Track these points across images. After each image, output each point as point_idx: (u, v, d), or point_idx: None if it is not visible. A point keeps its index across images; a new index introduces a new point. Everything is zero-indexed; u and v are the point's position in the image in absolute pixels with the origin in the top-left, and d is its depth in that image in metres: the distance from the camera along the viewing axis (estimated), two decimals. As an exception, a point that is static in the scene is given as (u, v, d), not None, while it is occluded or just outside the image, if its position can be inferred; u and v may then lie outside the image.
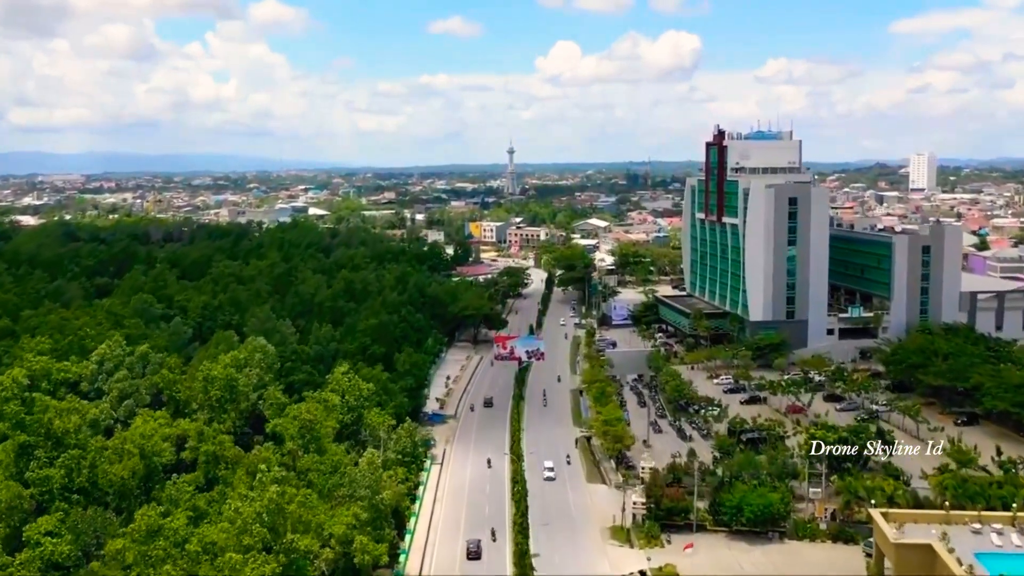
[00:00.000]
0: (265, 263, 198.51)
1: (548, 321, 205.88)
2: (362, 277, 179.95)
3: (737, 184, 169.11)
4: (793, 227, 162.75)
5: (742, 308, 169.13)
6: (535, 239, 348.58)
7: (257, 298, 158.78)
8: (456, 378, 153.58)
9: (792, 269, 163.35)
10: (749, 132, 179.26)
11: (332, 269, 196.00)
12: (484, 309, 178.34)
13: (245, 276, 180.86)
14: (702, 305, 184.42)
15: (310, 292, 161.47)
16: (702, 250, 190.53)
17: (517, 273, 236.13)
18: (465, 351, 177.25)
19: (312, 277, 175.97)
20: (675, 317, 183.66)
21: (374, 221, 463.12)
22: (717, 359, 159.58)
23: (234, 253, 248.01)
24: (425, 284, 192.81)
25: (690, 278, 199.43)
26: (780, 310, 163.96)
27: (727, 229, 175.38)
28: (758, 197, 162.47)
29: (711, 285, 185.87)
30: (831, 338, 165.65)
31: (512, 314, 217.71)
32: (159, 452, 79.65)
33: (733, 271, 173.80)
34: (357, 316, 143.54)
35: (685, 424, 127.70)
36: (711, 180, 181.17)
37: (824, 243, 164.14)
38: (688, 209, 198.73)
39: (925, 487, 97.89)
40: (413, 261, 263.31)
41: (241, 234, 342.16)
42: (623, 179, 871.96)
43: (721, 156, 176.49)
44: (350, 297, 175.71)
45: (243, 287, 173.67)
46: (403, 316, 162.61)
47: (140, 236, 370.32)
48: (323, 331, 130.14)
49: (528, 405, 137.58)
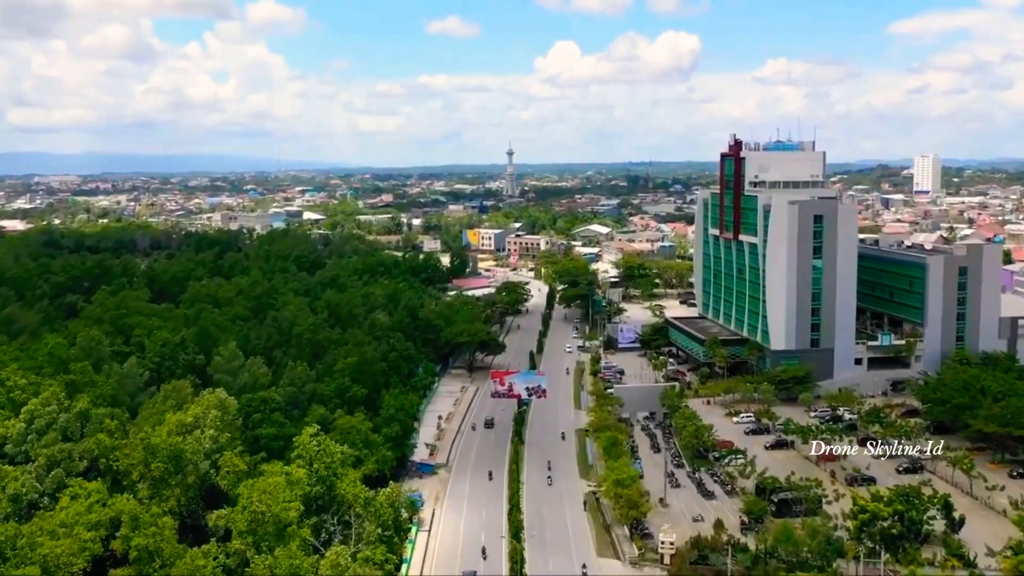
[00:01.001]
0: (246, 281, 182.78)
1: (549, 343, 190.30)
2: (348, 299, 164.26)
3: (756, 199, 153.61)
4: (818, 247, 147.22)
5: (762, 335, 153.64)
6: (535, 248, 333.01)
7: (232, 326, 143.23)
8: (449, 415, 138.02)
9: (817, 293, 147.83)
10: (767, 143, 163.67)
11: (317, 289, 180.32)
12: (480, 334, 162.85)
13: (222, 298, 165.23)
14: (716, 330, 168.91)
15: (289, 319, 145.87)
16: (715, 269, 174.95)
17: (516, 289, 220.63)
18: (460, 380, 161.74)
19: (294, 300, 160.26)
20: (687, 342, 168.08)
21: (370, 226, 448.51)
22: (736, 392, 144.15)
23: (217, 267, 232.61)
24: (417, 305, 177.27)
25: (702, 298, 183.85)
26: (804, 338, 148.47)
27: (744, 248, 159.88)
28: (780, 214, 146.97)
29: (726, 307, 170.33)
30: (859, 368, 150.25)
31: (511, 333, 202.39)
32: (76, 553, 63.96)
33: (751, 294, 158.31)
34: (339, 349, 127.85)
35: (705, 476, 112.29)
36: (726, 194, 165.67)
37: (852, 265, 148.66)
38: (700, 224, 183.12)
39: (994, 570, 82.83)
40: (407, 274, 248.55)
41: (229, 243, 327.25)
42: (623, 181, 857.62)
43: (738, 168, 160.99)
44: (336, 321, 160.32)
45: (219, 312, 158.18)
46: (391, 344, 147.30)
47: (126, 244, 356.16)
48: (298, 370, 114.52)
49: (528, 449, 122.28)
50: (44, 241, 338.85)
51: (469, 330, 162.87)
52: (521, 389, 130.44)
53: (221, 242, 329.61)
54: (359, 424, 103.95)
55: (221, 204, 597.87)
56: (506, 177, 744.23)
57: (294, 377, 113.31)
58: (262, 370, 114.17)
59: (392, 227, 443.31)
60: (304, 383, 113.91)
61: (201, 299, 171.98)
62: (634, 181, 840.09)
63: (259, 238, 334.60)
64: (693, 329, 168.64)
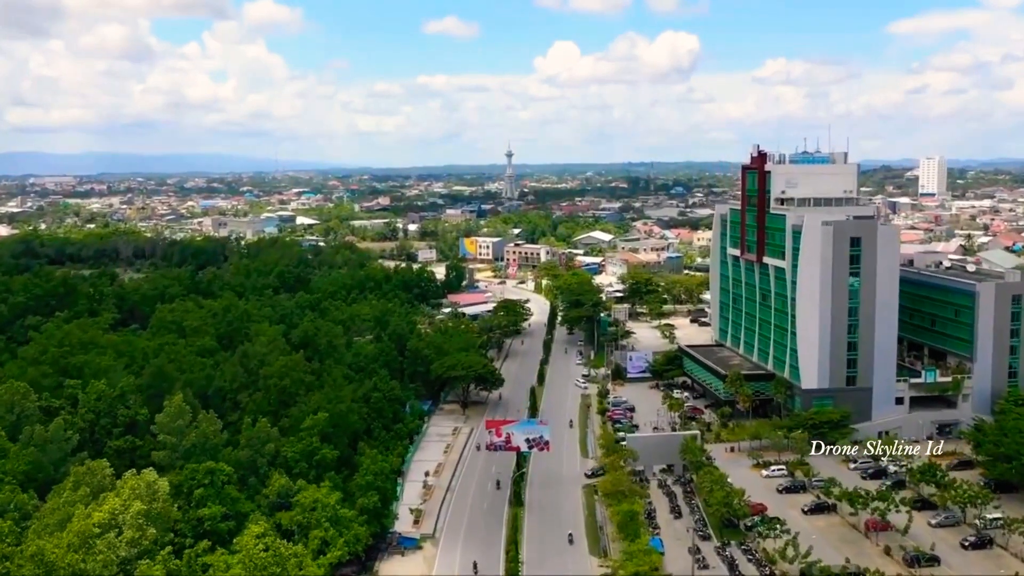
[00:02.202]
0: (219, 304, 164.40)
1: (552, 372, 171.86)
2: (327, 330, 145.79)
3: (784, 219, 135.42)
4: (855, 273, 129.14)
5: (790, 370, 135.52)
6: (534, 257, 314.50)
7: (194, 363, 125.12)
8: (439, 467, 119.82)
9: (854, 326, 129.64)
10: (793, 154, 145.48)
11: (294, 315, 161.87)
12: (476, 367, 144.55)
13: (189, 326, 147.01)
14: (737, 361, 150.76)
15: (260, 355, 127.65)
16: (735, 292, 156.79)
17: (515, 308, 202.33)
18: (452, 418, 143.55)
19: (268, 330, 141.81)
20: (705, 376, 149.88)
21: (364, 232, 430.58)
22: (763, 438, 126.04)
23: (194, 283, 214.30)
24: (406, 331, 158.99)
25: (719, 323, 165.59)
26: (839, 375, 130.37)
27: (769, 272, 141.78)
28: (813, 236, 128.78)
29: (747, 336, 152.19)
30: (900, 409, 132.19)
31: (510, 359, 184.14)
32: None
33: (778, 324, 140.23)
34: (311, 398, 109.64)
35: (738, 552, 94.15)
36: (749, 211, 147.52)
37: (893, 293, 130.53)
38: (717, 243, 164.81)
39: None
40: (399, 289, 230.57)
41: (214, 252, 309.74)
42: (624, 182, 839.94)
43: (762, 183, 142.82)
44: (313, 353, 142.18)
45: (183, 343, 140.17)
46: (375, 383, 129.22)
47: (108, 252, 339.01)
48: (257, 428, 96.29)
49: (529, 514, 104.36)
50: (21, 250, 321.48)
51: (464, 362, 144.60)
52: (520, 441, 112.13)
53: (206, 251, 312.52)
54: (326, 498, 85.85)
55: (213, 208, 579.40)
56: (505, 179, 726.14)
57: (252, 438, 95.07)
58: (214, 427, 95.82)
59: (387, 233, 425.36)
60: (265, 442, 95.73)
61: (167, 325, 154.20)
62: (635, 182, 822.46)
63: (245, 247, 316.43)
64: (711, 360, 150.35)
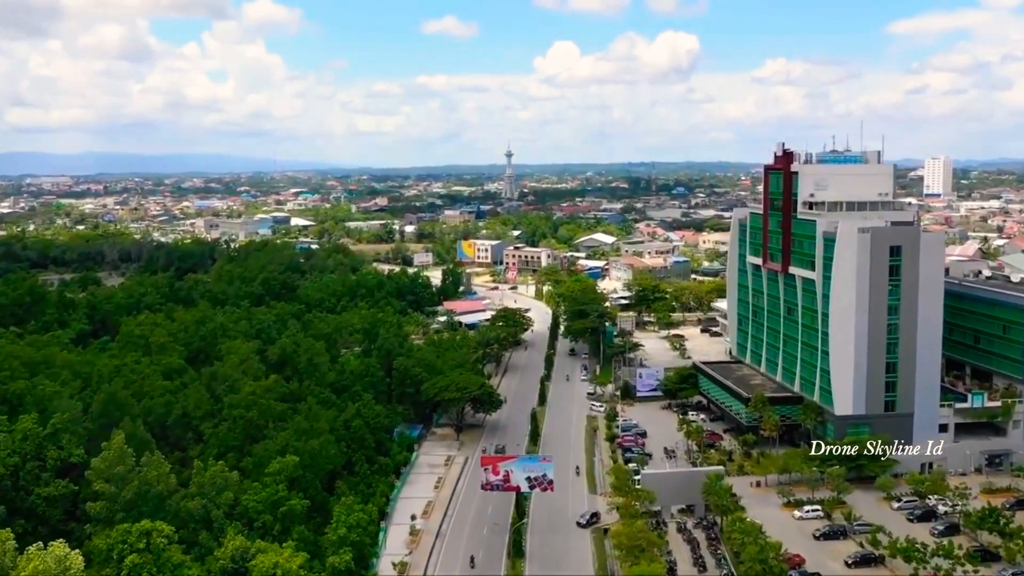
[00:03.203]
0: (191, 317, 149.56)
1: (555, 390, 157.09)
2: (308, 346, 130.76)
3: (814, 225, 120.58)
4: (895, 286, 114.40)
5: (820, 393, 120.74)
6: (535, 261, 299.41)
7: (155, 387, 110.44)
8: (428, 507, 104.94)
9: (894, 344, 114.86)
10: (821, 153, 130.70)
11: (272, 329, 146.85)
12: (472, 388, 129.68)
13: (155, 343, 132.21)
14: (758, 380, 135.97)
15: (229, 378, 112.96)
16: (756, 305, 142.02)
17: (515, 317, 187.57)
18: (445, 445, 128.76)
19: (242, 347, 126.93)
20: (723, 396, 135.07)
21: (360, 233, 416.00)
22: (792, 472, 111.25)
23: (173, 292, 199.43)
24: (395, 345, 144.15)
25: (737, 338, 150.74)
26: (876, 400, 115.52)
27: (796, 283, 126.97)
28: (848, 245, 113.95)
29: (770, 353, 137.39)
30: (944, 437, 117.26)
31: (509, 374, 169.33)
32: None
33: (805, 341, 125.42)
34: (279, 436, 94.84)
35: (775, 618, 79.60)
36: (773, 216, 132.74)
37: (936, 309, 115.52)
38: (735, 250, 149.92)
39: None
40: (392, 296, 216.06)
41: (201, 256, 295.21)
42: (624, 182, 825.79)
43: (788, 185, 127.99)
44: (293, 372, 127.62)
45: (147, 361, 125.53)
46: (358, 409, 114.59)
47: (93, 256, 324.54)
48: (213, 473, 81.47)
49: (530, 566, 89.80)
50: (1, 253, 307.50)
51: (458, 382, 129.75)
52: (520, 480, 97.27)
53: (193, 255, 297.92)
54: (288, 562, 70.99)
55: (208, 209, 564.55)
56: (505, 179, 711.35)
57: (206, 483, 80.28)
58: (161, 471, 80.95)
59: (383, 235, 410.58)
60: (221, 489, 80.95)
61: (134, 340, 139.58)
62: (635, 183, 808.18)
63: (235, 251, 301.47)
64: (730, 379, 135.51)
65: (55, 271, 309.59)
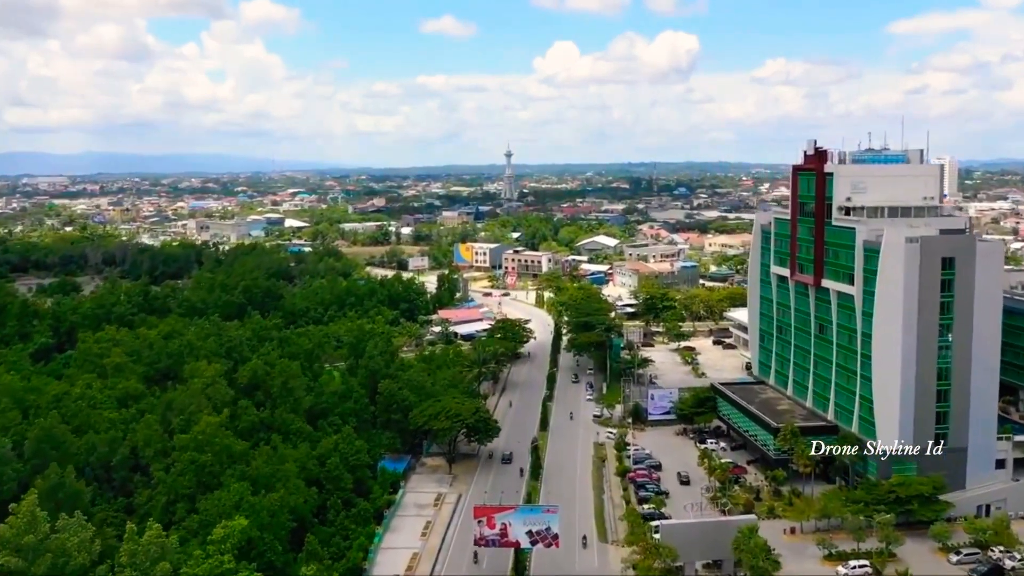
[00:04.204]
0: (155, 334, 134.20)
1: (558, 410, 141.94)
2: (283, 368, 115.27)
3: (853, 233, 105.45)
4: (948, 303, 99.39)
5: (860, 424, 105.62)
6: (535, 266, 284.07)
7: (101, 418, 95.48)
8: (414, 561, 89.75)
9: (945, 370, 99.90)
10: (856, 152, 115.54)
11: (244, 347, 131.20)
12: (466, 416, 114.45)
13: (110, 364, 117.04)
14: (785, 405, 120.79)
15: (185, 407, 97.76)
16: (781, 320, 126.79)
17: (515, 329, 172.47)
18: (435, 480, 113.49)
19: (207, 369, 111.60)
20: (746, 423, 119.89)
21: (355, 235, 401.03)
22: (832, 517, 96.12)
23: (148, 301, 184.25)
24: (381, 366, 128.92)
25: (759, 356, 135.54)
26: (925, 432, 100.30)
27: (830, 298, 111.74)
28: (894, 256, 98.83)
29: (798, 375, 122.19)
30: (1002, 475, 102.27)
31: (507, 392, 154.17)
32: None
33: (841, 363, 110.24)
34: (234, 485, 79.60)
35: None
36: (802, 222, 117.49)
37: (995, 328, 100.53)
38: (757, 259, 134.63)
39: None
40: (384, 304, 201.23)
41: (187, 260, 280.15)
42: (625, 183, 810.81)
43: (821, 187, 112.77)
44: (265, 397, 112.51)
45: (101, 385, 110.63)
46: (336, 443, 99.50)
47: (76, 259, 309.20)
48: (147, 539, 66.26)
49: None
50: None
51: (450, 409, 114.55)
52: (520, 534, 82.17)
53: (178, 259, 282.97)
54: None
55: (201, 210, 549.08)
56: (505, 179, 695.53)
57: (138, 553, 65.09)
58: (82, 537, 65.78)
59: (379, 237, 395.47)
60: (156, 559, 65.75)
61: (92, 359, 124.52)
62: (636, 183, 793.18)
63: (223, 254, 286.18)
64: (754, 404, 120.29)
65: (35, 275, 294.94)
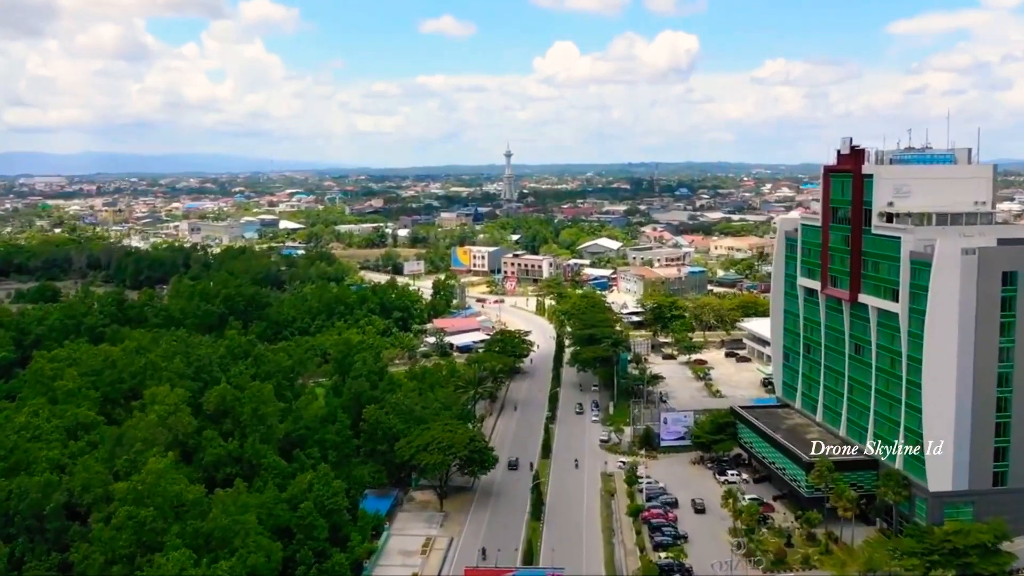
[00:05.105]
0: (118, 352, 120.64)
1: (560, 434, 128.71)
2: (254, 393, 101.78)
3: (897, 243, 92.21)
4: (1009, 323, 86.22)
5: (905, 461, 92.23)
6: (535, 270, 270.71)
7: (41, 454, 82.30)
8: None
9: (1006, 399, 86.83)
10: (895, 152, 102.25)
11: (213, 367, 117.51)
12: (459, 447, 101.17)
13: (61, 390, 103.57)
14: (814, 433, 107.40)
15: (136, 442, 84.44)
16: (809, 338, 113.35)
17: (514, 341, 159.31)
18: (424, 520, 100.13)
19: (169, 395, 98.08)
20: (772, 454, 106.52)
21: (350, 237, 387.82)
22: (878, 570, 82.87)
23: (122, 311, 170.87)
24: (366, 391, 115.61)
25: (783, 376, 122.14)
26: (983, 472, 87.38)
27: (869, 315, 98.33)
28: (948, 270, 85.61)
29: (829, 399, 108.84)
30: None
31: (505, 413, 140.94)
32: None
33: (882, 389, 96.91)
34: (172, 554, 66.33)
35: None
36: (835, 230, 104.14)
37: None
38: (780, 269, 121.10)
39: None
40: (375, 313, 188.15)
41: (173, 265, 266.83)
42: (625, 183, 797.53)
43: (858, 191, 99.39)
44: (234, 425, 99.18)
45: (50, 412, 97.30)
46: (311, 482, 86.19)
47: (60, 263, 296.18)
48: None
49: None
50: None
51: (442, 439, 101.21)
52: (520, 602, 69.19)
53: (164, 263, 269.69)
54: None
55: (195, 210, 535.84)
56: (504, 180, 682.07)
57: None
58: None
59: (375, 239, 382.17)
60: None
61: (44, 382, 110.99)
62: (637, 183, 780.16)
63: (208, 259, 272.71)
64: (779, 432, 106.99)
65: (17, 279, 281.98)
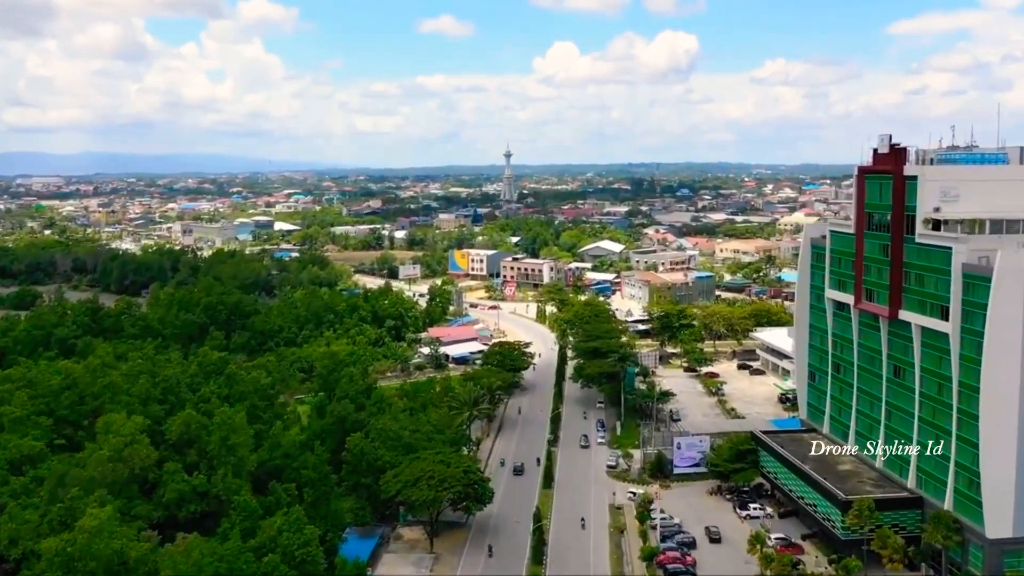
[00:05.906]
0: (82, 367, 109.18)
1: (563, 461, 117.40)
2: (222, 421, 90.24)
3: (948, 254, 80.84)
4: (1078, 348, 74.91)
5: (957, 501, 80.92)
6: (536, 275, 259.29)
7: None
8: None
9: (1075, 434, 75.59)
10: (936, 151, 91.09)
11: (181, 388, 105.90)
12: (452, 481, 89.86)
13: (7, 417, 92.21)
14: (847, 465, 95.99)
15: (82, 483, 73.25)
16: (839, 357, 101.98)
17: (513, 353, 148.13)
18: (413, 561, 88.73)
19: (125, 424, 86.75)
20: (800, 487, 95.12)
21: (346, 239, 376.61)
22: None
23: (96, 321, 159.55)
24: (350, 414, 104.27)
25: (808, 397, 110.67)
26: (1048, 516, 76.24)
27: (912, 334, 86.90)
28: (1011, 286, 74.36)
29: (863, 426, 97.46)
30: None
31: (503, 434, 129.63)
32: None
33: (926, 417, 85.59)
34: None
35: None
36: (871, 239, 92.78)
37: None
38: (806, 279, 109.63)
39: None
40: (367, 322, 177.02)
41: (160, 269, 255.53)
42: (626, 183, 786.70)
43: (899, 194, 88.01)
44: (199, 457, 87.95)
45: None
46: (279, 529, 74.74)
47: (44, 266, 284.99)
48: None
49: None
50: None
51: (433, 473, 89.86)
52: None
53: (151, 267, 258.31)
54: None
55: (190, 211, 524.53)
56: (504, 180, 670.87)
57: None
58: None
59: (372, 241, 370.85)
60: None
61: None
62: (638, 184, 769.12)
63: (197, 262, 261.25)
64: (808, 463, 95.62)
65: (1, 283, 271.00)
